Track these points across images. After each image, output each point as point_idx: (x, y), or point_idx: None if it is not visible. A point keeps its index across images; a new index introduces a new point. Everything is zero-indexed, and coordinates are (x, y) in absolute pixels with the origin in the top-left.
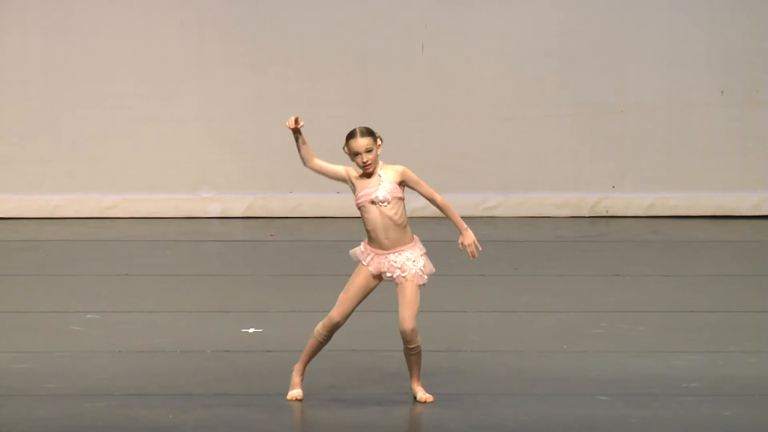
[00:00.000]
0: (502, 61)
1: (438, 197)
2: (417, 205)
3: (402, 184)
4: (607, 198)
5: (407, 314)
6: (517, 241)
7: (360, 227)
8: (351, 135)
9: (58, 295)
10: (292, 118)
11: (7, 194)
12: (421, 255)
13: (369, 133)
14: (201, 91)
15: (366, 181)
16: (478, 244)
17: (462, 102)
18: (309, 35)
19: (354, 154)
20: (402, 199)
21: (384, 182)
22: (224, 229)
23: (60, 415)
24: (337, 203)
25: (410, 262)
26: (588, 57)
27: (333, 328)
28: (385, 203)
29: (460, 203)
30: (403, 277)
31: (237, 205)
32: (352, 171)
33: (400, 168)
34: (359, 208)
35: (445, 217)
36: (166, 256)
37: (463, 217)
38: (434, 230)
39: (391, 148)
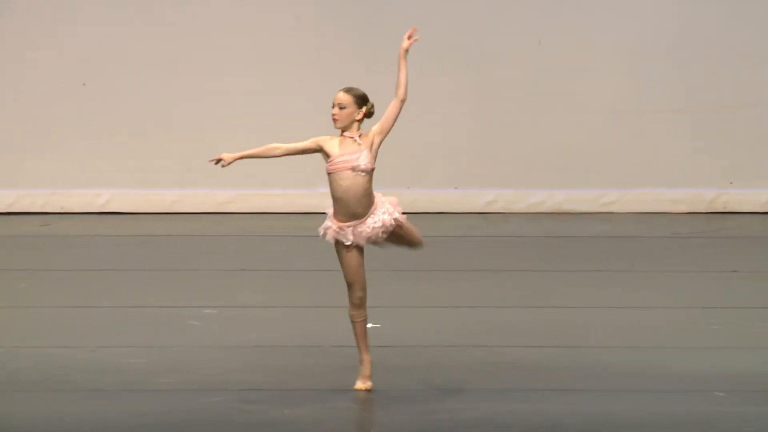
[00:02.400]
0: (620, 56)
1: (396, 99)
2: (534, 201)
3: (379, 136)
4: (724, 194)
5: (416, 236)
6: (634, 237)
7: (471, 220)
8: None
9: (175, 290)
10: (220, 163)
11: (125, 189)
12: (385, 202)
13: (351, 92)
14: (315, 86)
15: (344, 147)
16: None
17: (579, 97)
18: (423, 30)
19: (332, 106)
20: (374, 169)
21: (364, 151)
22: None
23: (174, 410)
24: (454, 198)
25: (386, 215)
26: (706, 52)
27: (360, 303)
28: (365, 173)
29: (577, 198)
30: (396, 225)
31: None
32: (324, 139)
33: (373, 129)
34: (331, 175)
35: (551, 213)
36: (281, 251)
37: (579, 213)
38: (548, 226)
39: (505, 145)
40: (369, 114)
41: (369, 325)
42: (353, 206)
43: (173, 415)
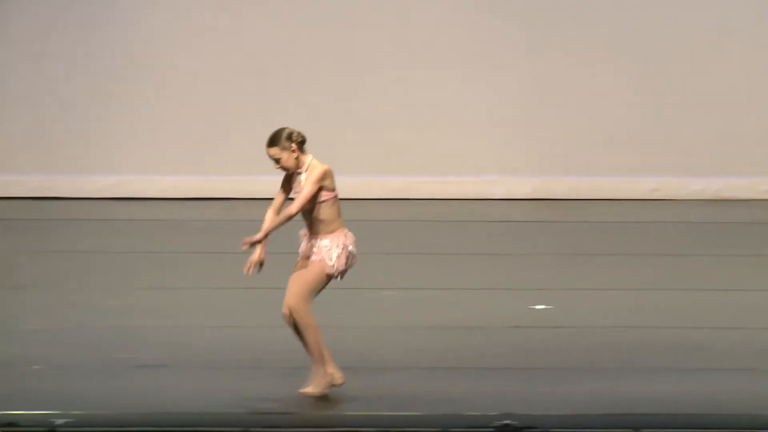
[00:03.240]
0: None
1: (289, 210)
2: (696, 188)
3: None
4: None
5: (293, 290)
6: None
7: (634, 207)
8: None
9: (353, 272)
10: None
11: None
12: (338, 246)
13: (273, 144)
14: (486, 75)
15: (296, 179)
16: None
17: (738, 89)
18: (591, 21)
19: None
20: (320, 202)
21: (301, 186)
22: (509, 211)
23: (351, 389)
24: (615, 185)
25: (324, 249)
26: None
27: (289, 315)
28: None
29: (736, 186)
30: (315, 259)
31: (521, 187)
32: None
33: (317, 171)
34: None
35: (711, 200)
36: (454, 235)
37: (738, 200)
38: (708, 213)
39: (668, 133)
40: (301, 143)
41: (541, 307)
42: (307, 224)
43: (348, 394)
